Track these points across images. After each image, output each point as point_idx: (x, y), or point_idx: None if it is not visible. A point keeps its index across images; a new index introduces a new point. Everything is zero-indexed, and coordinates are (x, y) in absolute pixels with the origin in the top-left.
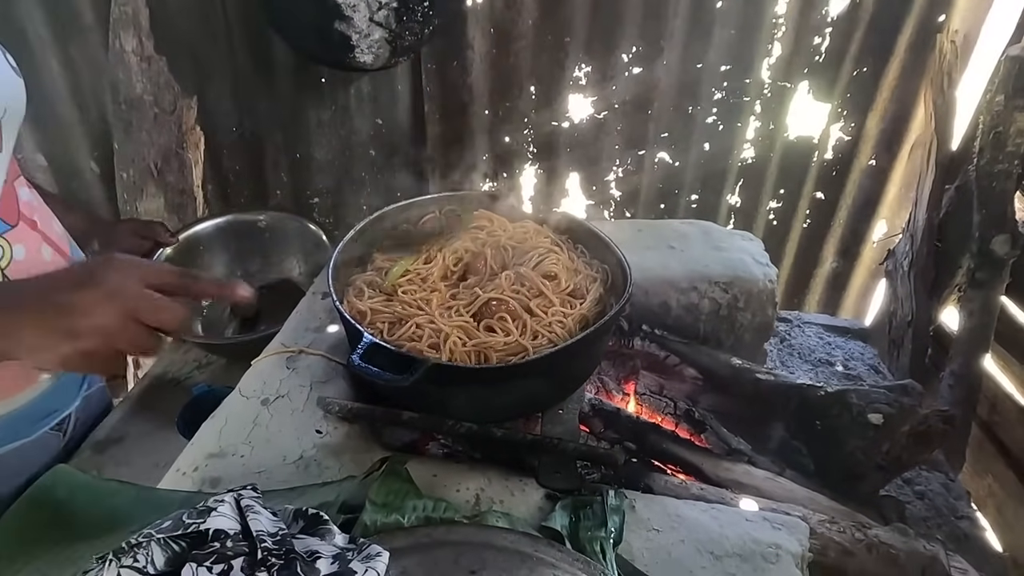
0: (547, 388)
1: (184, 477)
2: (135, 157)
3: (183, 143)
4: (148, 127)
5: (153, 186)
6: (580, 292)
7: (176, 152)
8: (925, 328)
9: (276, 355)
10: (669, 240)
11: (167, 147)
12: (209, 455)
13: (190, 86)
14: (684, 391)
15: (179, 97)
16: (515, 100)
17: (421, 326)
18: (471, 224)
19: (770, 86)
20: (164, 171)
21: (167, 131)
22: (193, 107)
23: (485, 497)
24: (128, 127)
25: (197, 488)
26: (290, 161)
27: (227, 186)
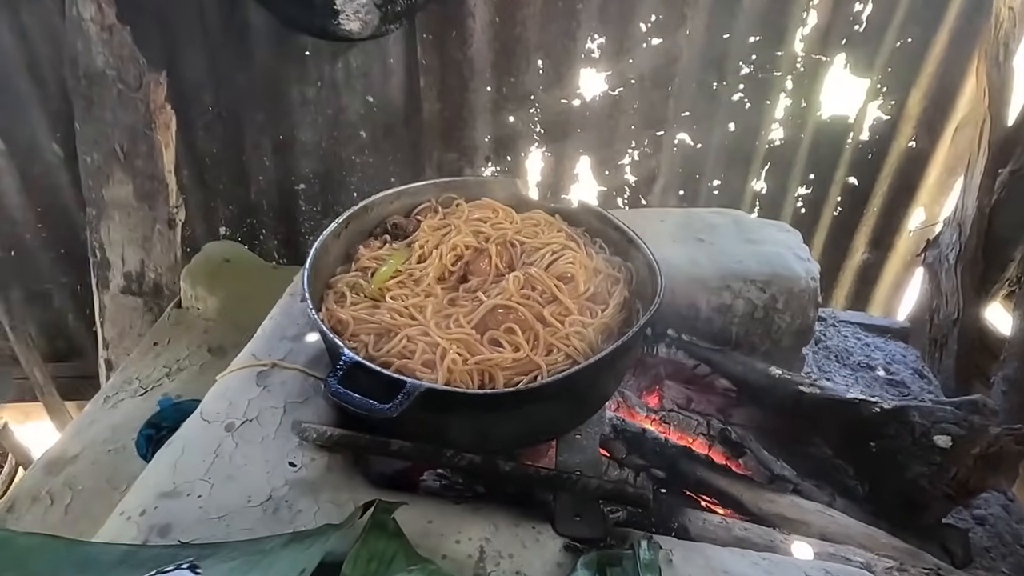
0: (564, 412)
1: (129, 523)
2: (99, 139)
3: (151, 123)
4: (112, 105)
5: (120, 171)
6: (601, 297)
7: (144, 133)
8: (973, 327)
9: (246, 369)
10: (697, 232)
11: (134, 128)
12: (160, 494)
13: (158, 59)
14: (715, 404)
15: (145, 71)
16: (521, 75)
17: (413, 339)
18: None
19: (803, 59)
20: (131, 154)
21: (133, 110)
22: (162, 83)
23: (491, 550)
24: (90, 105)
25: (143, 538)
26: (273, 143)
27: (203, 171)
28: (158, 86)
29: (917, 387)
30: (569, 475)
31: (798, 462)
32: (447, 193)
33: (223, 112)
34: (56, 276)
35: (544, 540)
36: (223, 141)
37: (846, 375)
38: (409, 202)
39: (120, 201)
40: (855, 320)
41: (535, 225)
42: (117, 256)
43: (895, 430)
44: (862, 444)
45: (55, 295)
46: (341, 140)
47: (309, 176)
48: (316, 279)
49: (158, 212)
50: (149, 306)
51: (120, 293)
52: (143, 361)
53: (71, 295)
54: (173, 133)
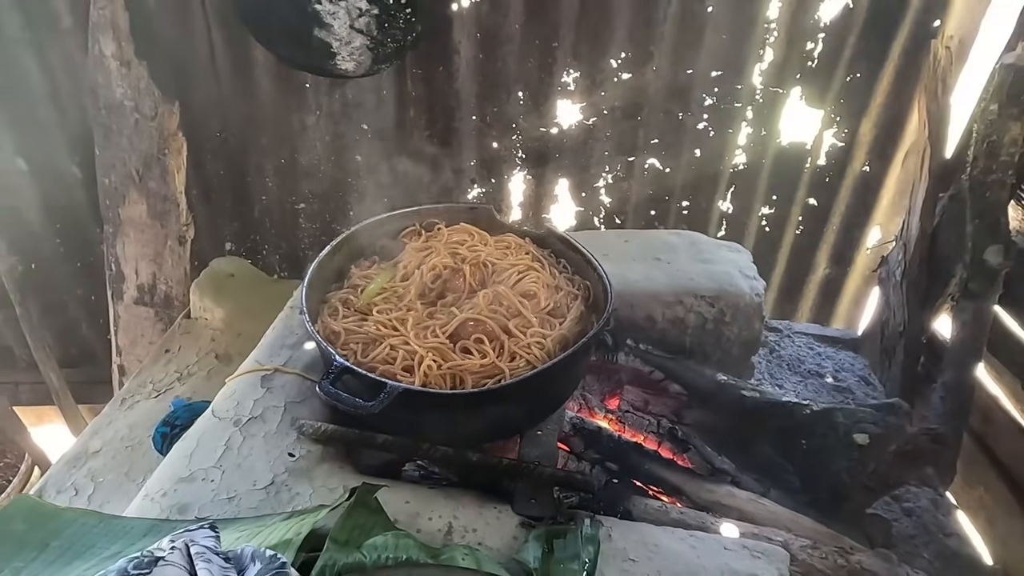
0: (525, 411)
1: (152, 503)
2: (116, 163)
3: (165, 149)
4: (129, 133)
5: (135, 192)
6: (560, 311)
7: (158, 158)
8: (917, 338)
9: (251, 373)
10: (656, 252)
11: (148, 153)
12: (179, 479)
13: (171, 91)
14: (669, 407)
15: (160, 102)
16: (503, 105)
17: (395, 348)
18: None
19: (762, 92)
20: (146, 177)
21: (148, 137)
22: (175, 112)
23: (458, 526)
24: (108, 132)
25: (165, 515)
26: (274, 166)
27: (210, 191)
28: (171, 115)
29: (862, 393)
30: (527, 464)
31: (742, 458)
32: (430, 218)
33: (229, 137)
34: (72, 287)
35: (503, 518)
36: (229, 164)
37: (796, 382)
38: (396, 226)
39: (135, 220)
40: (809, 331)
41: (507, 247)
42: (131, 270)
43: (823, 429)
44: (795, 442)
45: (70, 305)
46: (338, 164)
47: (308, 196)
48: (313, 295)
49: (169, 229)
50: (160, 316)
51: (133, 304)
52: (156, 366)
53: (85, 305)
54: (184, 158)
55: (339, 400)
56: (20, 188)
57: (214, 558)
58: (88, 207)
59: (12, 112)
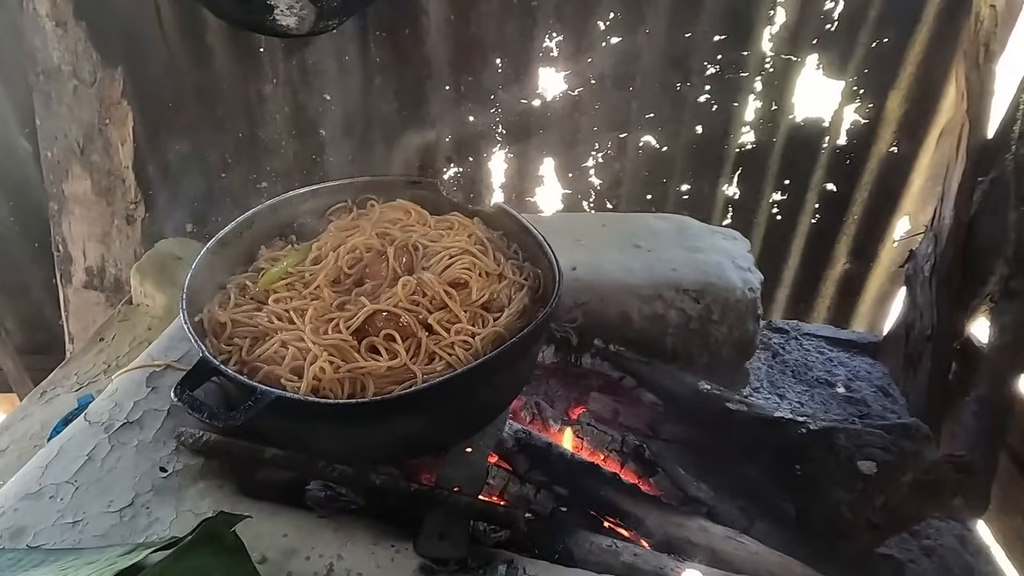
0: (443, 425)
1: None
2: (57, 134)
3: (107, 119)
4: (68, 101)
5: (78, 166)
6: (498, 304)
7: (99, 129)
8: (947, 343)
9: (139, 370)
10: (636, 237)
11: (90, 123)
12: (25, 495)
13: (114, 55)
14: (642, 419)
15: (99, 67)
16: (479, 74)
17: (286, 344)
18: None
19: (772, 59)
20: (88, 150)
21: (89, 105)
22: (118, 79)
23: (340, 569)
24: (48, 100)
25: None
26: (233, 140)
27: (167, 167)
28: (113, 82)
29: (879, 406)
30: (440, 491)
31: (725, 483)
32: (365, 193)
33: (182, 108)
34: (32, 269)
35: (400, 560)
36: (184, 138)
37: (800, 391)
38: (323, 202)
39: (79, 196)
40: (820, 333)
41: (448, 228)
42: (79, 251)
43: (820, 453)
44: (788, 466)
45: (32, 288)
46: (300, 139)
47: (271, 174)
48: (205, 279)
49: (116, 207)
50: (111, 301)
51: (83, 288)
52: (86, 356)
53: (48, 288)
54: (130, 129)
55: (192, 408)
56: None
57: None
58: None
59: None
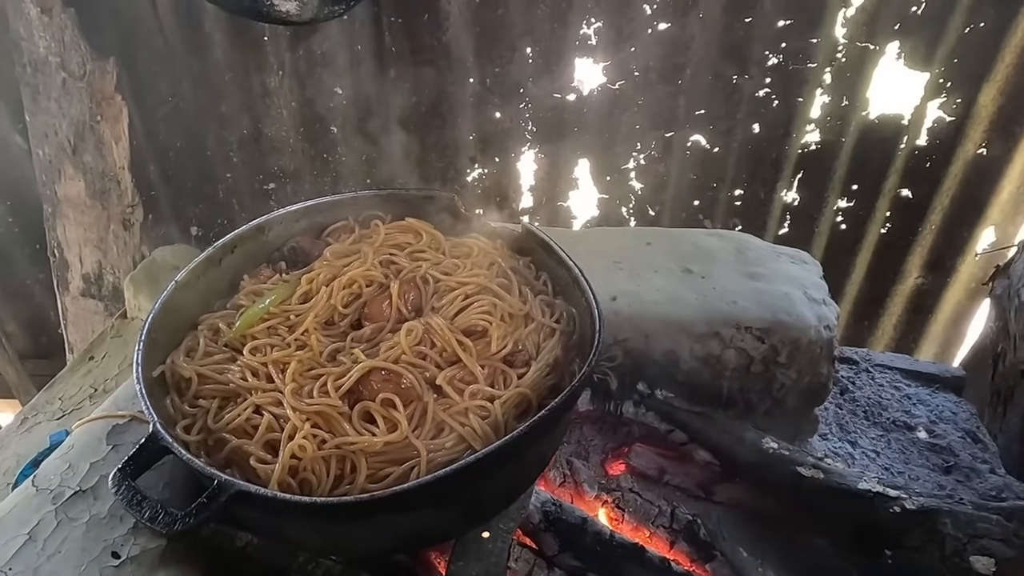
0: (452, 516)
1: None
2: (47, 131)
3: (99, 115)
4: (57, 95)
5: (70, 167)
6: (523, 357)
7: (91, 126)
8: None
9: (102, 420)
10: (687, 260)
11: (80, 120)
12: None
13: (105, 45)
14: (694, 478)
15: (89, 58)
16: (506, 65)
17: (261, 409)
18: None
19: (846, 48)
20: (80, 149)
21: (79, 100)
22: (110, 71)
23: None
24: (36, 94)
25: None
26: (237, 138)
27: (168, 167)
28: (105, 74)
29: (967, 455)
30: None
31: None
32: (369, 210)
33: (182, 103)
34: (34, 272)
35: None
36: (185, 135)
37: (875, 437)
38: (320, 220)
39: (72, 199)
40: (895, 365)
41: (467, 255)
42: (75, 257)
43: (920, 540)
44: (876, 550)
45: (35, 291)
46: (309, 136)
47: (278, 175)
48: (176, 316)
49: (111, 211)
50: (110, 311)
51: (80, 296)
52: (73, 378)
53: (49, 291)
54: (125, 126)
55: (130, 505)
56: None
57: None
58: None
59: None
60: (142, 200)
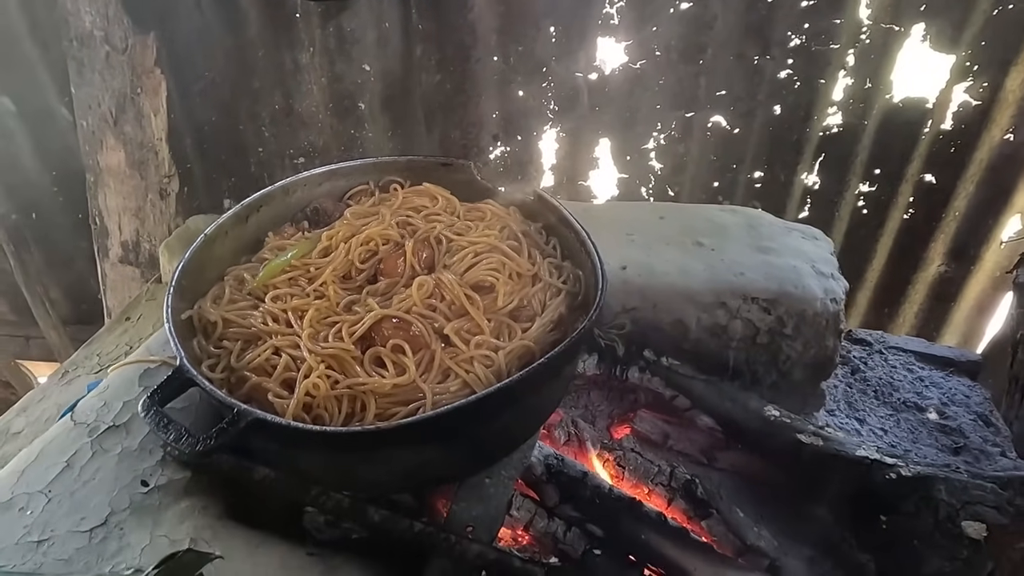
0: (456, 456)
1: None
2: (91, 103)
3: (139, 88)
4: (100, 68)
5: (112, 137)
6: (529, 312)
7: (132, 98)
8: None
9: (135, 365)
10: (698, 233)
11: (122, 92)
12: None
13: (146, 20)
14: (696, 444)
15: (131, 33)
16: (530, 44)
17: (280, 351)
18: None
19: (870, 29)
20: (121, 120)
21: (121, 73)
22: (150, 45)
23: None
24: (81, 67)
25: None
26: (269, 113)
27: (203, 140)
28: (145, 48)
29: (978, 437)
30: (446, 536)
31: (792, 525)
32: (389, 175)
33: (217, 78)
34: (76, 240)
35: None
36: (220, 109)
37: (884, 416)
38: (343, 184)
39: (113, 168)
40: (909, 347)
41: (480, 219)
42: (115, 225)
43: (914, 506)
44: (871, 516)
45: (76, 259)
46: (338, 112)
47: (308, 150)
48: (205, 268)
49: (149, 181)
50: (146, 277)
51: (119, 263)
52: (110, 336)
53: (90, 259)
54: (163, 99)
55: (158, 427)
56: (11, 131)
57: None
58: None
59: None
60: (178, 172)
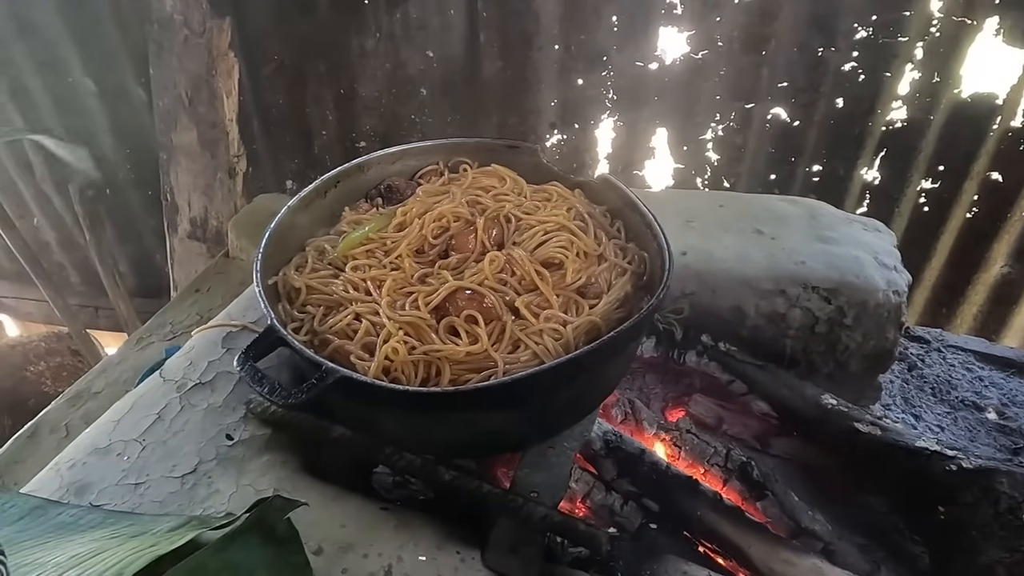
0: (522, 423)
1: (55, 475)
2: (168, 84)
3: (213, 70)
4: (178, 51)
5: (185, 117)
6: (596, 290)
7: (206, 80)
8: None
9: (217, 328)
10: (758, 222)
11: (197, 74)
12: (94, 449)
13: (224, 4)
14: (751, 429)
15: (209, 17)
16: (592, 32)
17: (360, 317)
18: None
19: (941, 22)
20: (195, 100)
21: (197, 56)
22: (225, 29)
23: (399, 572)
24: (160, 50)
25: (61, 493)
26: (334, 97)
27: (270, 122)
28: (221, 32)
29: None
30: (515, 497)
31: (846, 513)
32: (457, 156)
33: (286, 62)
34: (145, 216)
35: (464, 571)
36: (287, 92)
37: (942, 414)
38: (414, 164)
39: (186, 147)
40: (969, 347)
41: (546, 199)
42: (184, 201)
43: (974, 497)
44: (928, 506)
45: (144, 234)
46: (400, 97)
47: (369, 134)
48: (287, 238)
49: (219, 160)
50: (212, 252)
51: (187, 238)
52: (181, 306)
53: (159, 235)
54: (236, 81)
55: (253, 380)
56: (91, 110)
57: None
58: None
59: (76, 29)
60: (245, 152)
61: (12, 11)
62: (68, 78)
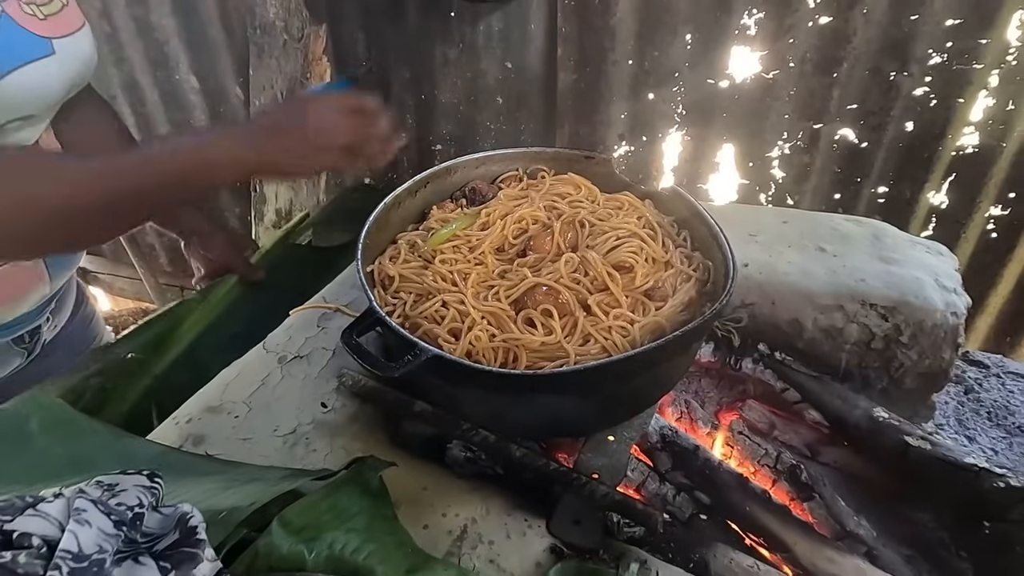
0: (588, 410)
1: (176, 427)
2: (265, 84)
3: (308, 73)
4: (277, 54)
5: None
6: (662, 293)
7: (301, 82)
8: None
9: (312, 309)
10: (821, 240)
11: (293, 76)
12: (207, 408)
13: (320, 12)
14: (802, 437)
15: (307, 23)
16: (666, 49)
17: (448, 305)
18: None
19: (1018, 51)
20: None
21: (294, 59)
22: (321, 36)
23: (473, 532)
24: (260, 53)
25: (180, 443)
26: (416, 102)
27: None
28: (317, 38)
29: None
30: (579, 476)
31: (889, 525)
32: (535, 164)
33: (374, 68)
34: (231, 206)
35: (532, 536)
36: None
37: (996, 438)
38: (495, 169)
39: None
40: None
41: (618, 208)
42: (272, 193)
43: (1021, 514)
44: (974, 521)
45: (231, 221)
46: (478, 104)
47: (446, 138)
48: (380, 232)
49: None
50: None
51: (272, 228)
52: None
53: (242, 224)
54: None
55: (357, 353)
56: (192, 106)
57: (96, 518)
58: None
59: (188, 31)
60: None
61: (132, 13)
62: (175, 76)
